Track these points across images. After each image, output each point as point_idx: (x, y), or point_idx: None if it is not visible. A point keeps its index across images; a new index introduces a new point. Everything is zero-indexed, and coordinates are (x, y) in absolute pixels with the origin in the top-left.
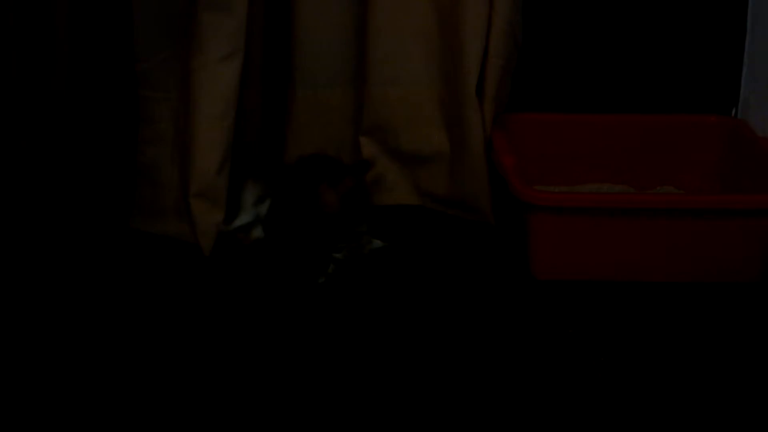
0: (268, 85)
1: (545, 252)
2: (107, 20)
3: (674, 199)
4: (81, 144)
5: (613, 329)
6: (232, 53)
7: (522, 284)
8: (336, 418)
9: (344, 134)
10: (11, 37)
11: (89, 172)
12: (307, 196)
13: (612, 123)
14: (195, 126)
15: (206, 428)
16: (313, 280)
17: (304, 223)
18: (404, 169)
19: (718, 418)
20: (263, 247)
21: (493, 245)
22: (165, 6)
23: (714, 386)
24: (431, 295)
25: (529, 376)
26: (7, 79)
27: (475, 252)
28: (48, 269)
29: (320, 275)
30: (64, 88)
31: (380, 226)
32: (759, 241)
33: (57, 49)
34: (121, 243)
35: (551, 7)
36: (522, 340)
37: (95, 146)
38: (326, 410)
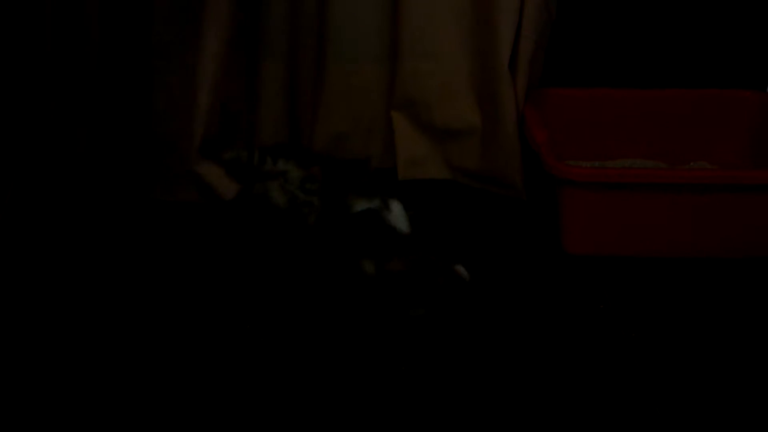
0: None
1: (577, 227)
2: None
3: (708, 174)
4: (103, 120)
5: (644, 305)
6: (216, 22)
7: (553, 259)
8: (368, 387)
9: (376, 109)
10: (47, 23)
11: (111, 145)
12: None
13: (645, 98)
14: (196, 91)
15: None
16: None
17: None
18: (436, 144)
19: (750, 394)
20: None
21: (524, 220)
22: None
23: (745, 362)
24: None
25: (559, 350)
26: (41, 63)
27: (507, 227)
28: (73, 245)
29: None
30: (92, 65)
31: (412, 200)
32: None
33: (86, 27)
34: (142, 214)
35: None
36: (553, 314)
37: (115, 120)
38: (362, 377)
